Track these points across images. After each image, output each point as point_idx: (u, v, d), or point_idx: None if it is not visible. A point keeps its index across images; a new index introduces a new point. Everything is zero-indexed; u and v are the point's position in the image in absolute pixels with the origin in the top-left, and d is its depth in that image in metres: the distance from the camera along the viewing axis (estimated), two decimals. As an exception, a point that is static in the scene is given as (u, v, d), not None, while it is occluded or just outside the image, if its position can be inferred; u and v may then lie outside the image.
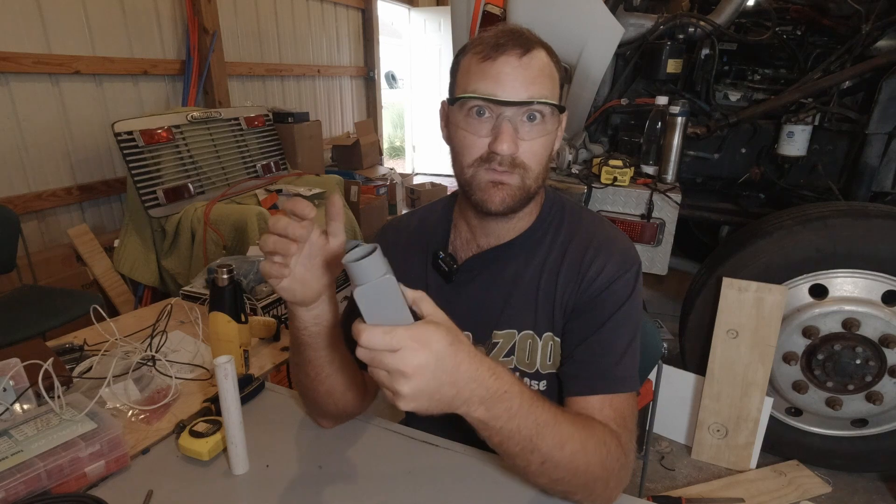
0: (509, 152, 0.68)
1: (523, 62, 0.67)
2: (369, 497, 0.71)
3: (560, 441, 0.59)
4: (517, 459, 0.59)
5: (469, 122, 0.70)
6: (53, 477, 0.68)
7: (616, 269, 0.74)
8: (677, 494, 1.69)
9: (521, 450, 0.58)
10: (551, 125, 0.71)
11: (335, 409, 0.80)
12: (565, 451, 0.60)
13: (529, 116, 0.68)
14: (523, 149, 0.69)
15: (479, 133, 0.69)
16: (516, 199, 0.71)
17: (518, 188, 0.71)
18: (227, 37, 3.46)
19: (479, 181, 0.71)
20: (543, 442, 0.58)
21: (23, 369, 0.83)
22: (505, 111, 0.68)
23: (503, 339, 0.78)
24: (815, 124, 1.97)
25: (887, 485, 1.75)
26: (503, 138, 0.67)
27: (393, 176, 4.63)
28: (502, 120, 0.68)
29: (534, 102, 0.67)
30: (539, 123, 0.69)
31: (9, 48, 2.29)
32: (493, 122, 0.68)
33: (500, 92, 0.67)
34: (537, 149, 0.70)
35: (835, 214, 1.59)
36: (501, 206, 0.71)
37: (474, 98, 0.68)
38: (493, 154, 0.68)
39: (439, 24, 6.16)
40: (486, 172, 0.70)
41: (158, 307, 1.25)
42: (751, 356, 1.71)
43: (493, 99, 0.67)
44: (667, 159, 1.96)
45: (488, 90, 0.67)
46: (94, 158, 2.72)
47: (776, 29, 2.06)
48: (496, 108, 0.68)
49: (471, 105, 0.69)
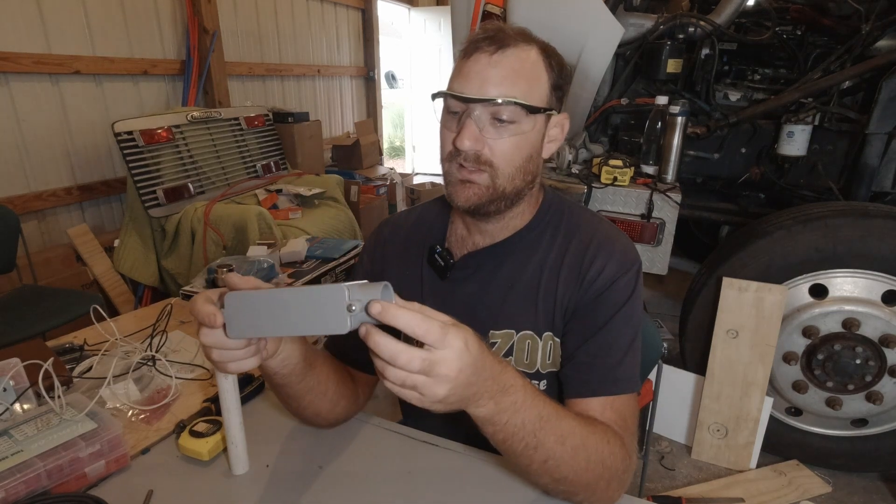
0: (467, 149, 0.68)
1: (493, 60, 0.67)
2: (369, 497, 0.71)
3: (561, 435, 0.59)
4: (520, 458, 0.59)
5: (444, 118, 0.72)
6: (53, 477, 0.68)
7: (616, 269, 0.74)
8: (677, 494, 1.69)
9: (525, 447, 0.58)
10: (526, 126, 0.70)
11: (326, 422, 0.80)
12: (566, 447, 0.60)
13: (497, 116, 0.68)
14: (490, 147, 0.69)
15: (450, 128, 0.71)
16: (483, 198, 0.71)
17: (486, 187, 0.71)
18: (227, 37, 3.46)
19: (451, 177, 0.73)
20: (546, 436, 0.58)
21: (23, 369, 0.83)
22: (471, 108, 0.68)
23: (501, 339, 0.78)
24: (815, 124, 1.97)
25: (887, 485, 1.75)
26: (463, 134, 0.68)
27: (393, 176, 4.63)
28: (466, 117, 0.69)
29: (496, 101, 0.67)
30: (508, 123, 0.69)
31: (9, 48, 2.29)
32: (460, 118, 0.70)
33: (467, 89, 0.68)
34: (505, 149, 0.70)
35: (835, 214, 1.59)
36: (467, 203, 0.72)
37: (444, 94, 0.70)
38: (458, 150, 0.69)
39: (439, 24, 6.16)
40: (457, 170, 0.71)
41: (158, 307, 1.25)
42: (751, 356, 1.71)
43: (458, 95, 0.68)
44: (667, 159, 1.96)
45: (458, 87, 0.69)
46: (94, 158, 2.72)
47: (776, 29, 2.06)
48: (463, 104, 0.69)
49: (446, 102, 0.71)
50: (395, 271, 0.85)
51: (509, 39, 0.69)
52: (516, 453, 0.59)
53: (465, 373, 0.49)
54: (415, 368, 0.47)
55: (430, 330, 0.47)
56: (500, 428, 0.56)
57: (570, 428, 0.61)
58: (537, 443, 0.58)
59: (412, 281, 0.83)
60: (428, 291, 0.82)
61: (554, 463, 0.60)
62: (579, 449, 0.61)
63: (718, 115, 2.12)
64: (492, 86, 0.67)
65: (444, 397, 0.49)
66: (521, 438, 0.57)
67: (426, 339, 0.47)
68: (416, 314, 0.47)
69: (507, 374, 0.55)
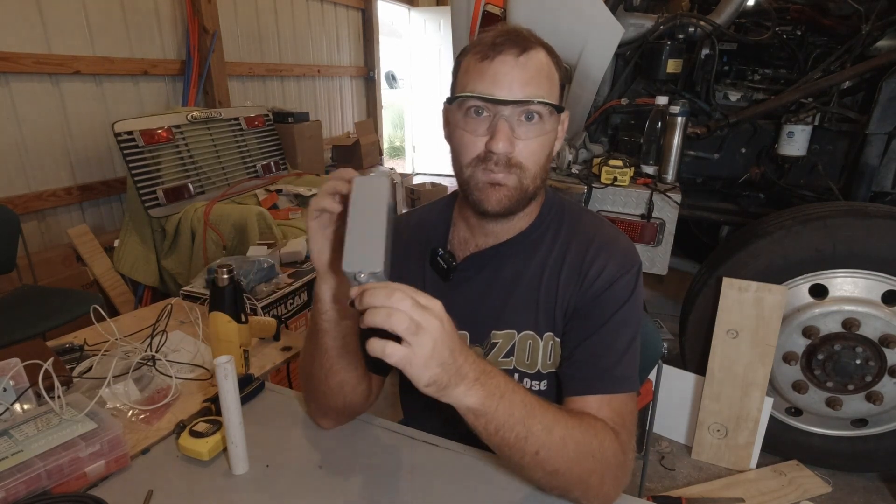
0: (504, 151, 0.68)
1: (520, 62, 0.68)
2: (369, 497, 0.71)
3: (547, 424, 0.60)
4: (514, 451, 0.60)
5: (467, 122, 0.70)
6: (53, 477, 0.68)
7: (617, 269, 0.74)
8: (677, 494, 1.69)
9: (516, 437, 0.58)
10: (549, 125, 0.71)
11: (343, 403, 0.79)
12: (554, 436, 0.60)
13: (527, 116, 0.69)
14: (520, 148, 0.69)
15: (477, 132, 0.70)
16: (513, 199, 0.72)
17: (515, 189, 0.71)
18: (227, 37, 3.46)
19: (477, 181, 0.72)
20: (533, 424, 0.59)
21: (23, 369, 0.83)
22: (502, 110, 0.68)
23: (502, 339, 0.78)
24: (815, 124, 1.97)
25: (887, 485, 1.75)
26: (499, 137, 0.67)
27: (393, 176, 4.63)
28: (498, 119, 0.68)
29: (531, 102, 0.67)
30: (536, 123, 0.69)
31: (9, 48, 2.29)
32: (490, 121, 0.69)
33: (497, 91, 0.67)
34: (534, 149, 0.70)
35: (835, 214, 1.59)
36: (498, 206, 0.72)
37: (472, 97, 0.68)
38: (489, 153, 0.69)
39: (439, 24, 6.16)
40: (483, 173, 0.71)
41: (158, 307, 1.25)
42: (751, 356, 1.71)
43: (490, 98, 0.67)
44: (667, 159, 1.96)
45: (485, 89, 0.68)
46: (94, 158, 2.72)
47: (776, 29, 2.06)
48: (493, 107, 0.68)
49: (469, 104, 0.69)
50: (397, 273, 0.85)
51: (529, 42, 0.69)
52: (509, 444, 0.59)
53: (448, 335, 0.53)
54: (407, 306, 0.51)
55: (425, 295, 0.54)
56: (492, 416, 0.57)
57: (555, 418, 0.61)
58: (527, 432, 0.59)
59: (414, 282, 0.83)
60: (430, 293, 0.81)
61: (545, 454, 0.60)
62: (567, 439, 0.61)
63: (718, 115, 2.12)
64: (520, 87, 0.67)
65: (428, 349, 0.51)
66: (512, 427, 0.58)
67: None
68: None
69: (481, 360, 0.58)
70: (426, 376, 0.52)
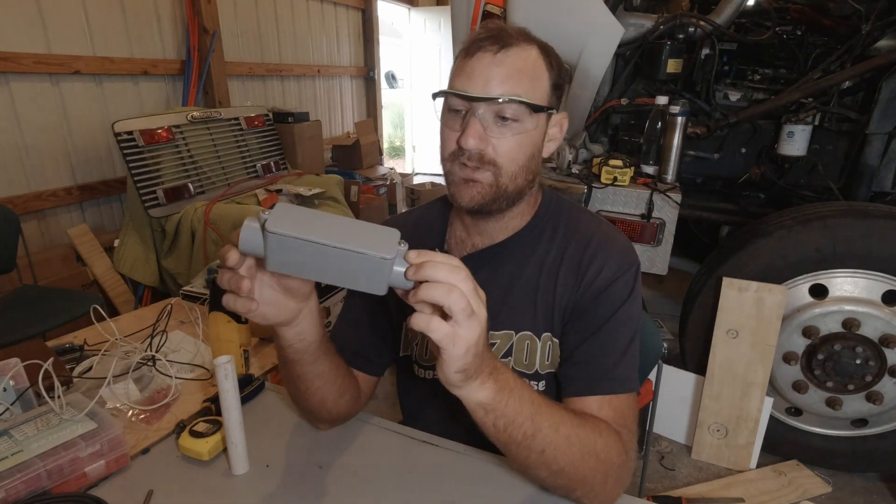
0: (472, 147, 0.68)
1: (497, 59, 0.68)
2: (369, 497, 0.71)
3: (554, 422, 0.60)
4: (520, 448, 0.59)
5: (446, 117, 0.72)
6: (53, 477, 0.68)
7: (615, 269, 0.74)
8: (677, 494, 1.69)
9: (524, 435, 0.58)
10: (529, 124, 0.70)
11: (329, 416, 0.79)
12: (560, 434, 0.60)
13: (501, 114, 0.68)
14: (494, 146, 0.69)
15: (453, 128, 0.71)
16: (487, 197, 0.71)
17: (490, 186, 0.71)
18: (227, 37, 3.46)
19: (454, 176, 0.72)
20: (541, 421, 0.59)
21: (23, 369, 0.83)
22: (475, 107, 0.68)
23: (500, 339, 0.78)
24: (815, 124, 1.97)
25: (887, 485, 1.75)
26: (468, 133, 0.68)
27: (393, 176, 4.63)
28: (470, 115, 0.68)
29: (502, 99, 0.67)
30: (512, 122, 0.69)
31: (9, 48, 2.28)
32: (464, 117, 0.69)
33: (471, 87, 0.68)
34: (509, 147, 0.70)
35: (835, 214, 1.59)
36: (471, 202, 0.72)
37: (447, 93, 0.70)
38: (461, 149, 0.69)
39: (439, 24, 6.16)
40: (459, 169, 0.71)
41: (158, 307, 1.25)
42: (751, 356, 1.71)
43: (461, 94, 0.68)
44: (667, 159, 1.96)
45: (461, 86, 0.69)
46: (94, 158, 2.72)
47: (776, 29, 2.06)
48: (466, 103, 0.69)
49: (448, 100, 0.71)
50: None
51: (511, 39, 0.69)
52: (517, 442, 0.59)
53: (486, 330, 0.52)
54: (469, 288, 0.49)
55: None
56: (501, 412, 0.56)
57: (560, 416, 0.61)
58: (535, 429, 0.58)
59: None
60: None
61: (551, 453, 0.60)
62: (572, 438, 0.61)
63: (718, 115, 2.12)
64: (496, 84, 0.67)
65: (471, 335, 0.49)
66: (520, 424, 0.57)
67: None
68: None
69: (493, 355, 0.57)
70: (461, 363, 0.50)
